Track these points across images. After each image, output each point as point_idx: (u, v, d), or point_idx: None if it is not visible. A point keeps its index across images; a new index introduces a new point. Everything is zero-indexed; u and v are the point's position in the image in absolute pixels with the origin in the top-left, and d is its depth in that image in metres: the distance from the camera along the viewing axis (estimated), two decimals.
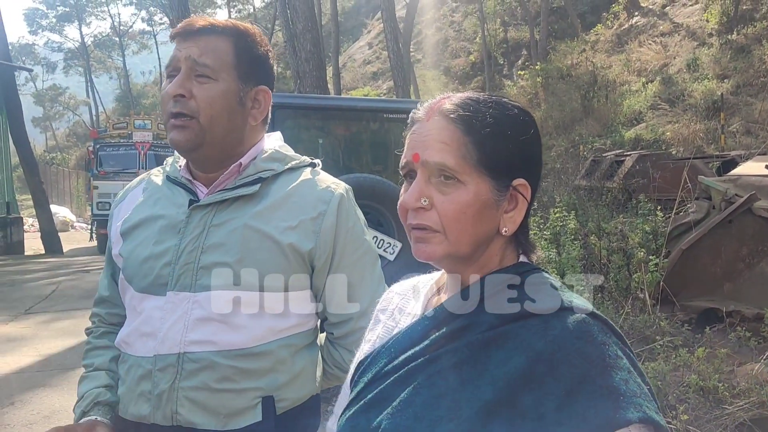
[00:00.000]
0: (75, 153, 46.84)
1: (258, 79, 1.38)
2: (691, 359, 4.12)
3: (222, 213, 1.35)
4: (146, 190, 1.47)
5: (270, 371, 1.32)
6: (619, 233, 5.82)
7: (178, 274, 1.31)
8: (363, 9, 44.18)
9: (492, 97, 0.92)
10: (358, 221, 1.44)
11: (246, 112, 1.37)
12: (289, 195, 1.37)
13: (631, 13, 20.95)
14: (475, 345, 0.84)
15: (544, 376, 0.77)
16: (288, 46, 12.46)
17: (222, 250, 1.31)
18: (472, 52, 28.67)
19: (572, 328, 0.81)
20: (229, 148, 1.37)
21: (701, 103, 13.75)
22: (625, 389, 0.76)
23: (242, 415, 1.30)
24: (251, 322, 1.31)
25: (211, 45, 1.32)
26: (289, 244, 1.32)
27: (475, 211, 0.87)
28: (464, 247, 0.89)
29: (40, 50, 55.90)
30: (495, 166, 0.88)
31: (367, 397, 0.91)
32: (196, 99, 1.31)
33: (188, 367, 1.28)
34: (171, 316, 1.30)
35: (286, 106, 4.65)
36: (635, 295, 5.23)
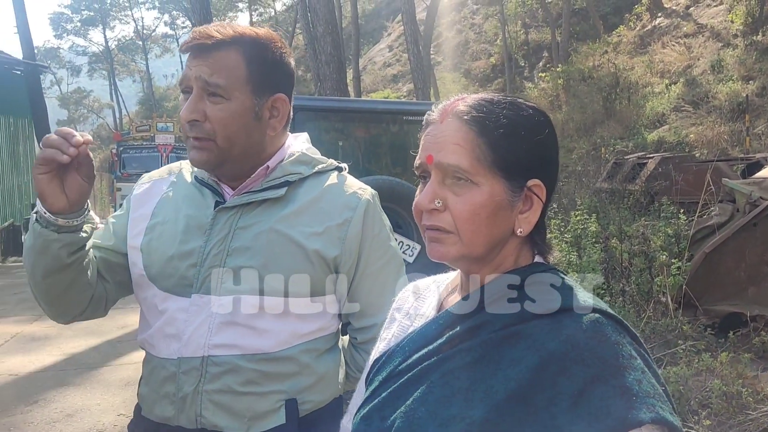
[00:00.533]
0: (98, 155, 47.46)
1: (274, 88, 1.34)
2: (714, 364, 4.06)
3: (248, 216, 1.34)
4: (174, 185, 1.45)
5: (293, 374, 1.33)
6: (641, 236, 5.75)
7: (204, 277, 1.31)
8: (383, 12, 44.26)
9: (507, 97, 0.92)
10: (384, 228, 1.43)
11: (264, 124, 1.34)
12: (315, 200, 1.36)
13: (655, 14, 20.73)
14: (489, 344, 0.84)
15: (557, 376, 0.77)
16: (308, 49, 12.54)
17: (248, 254, 1.30)
18: (492, 55, 28.58)
19: (586, 328, 0.81)
20: (250, 160, 1.35)
21: (726, 104, 13.56)
22: (638, 389, 0.76)
23: (266, 418, 1.31)
24: (275, 326, 1.31)
25: (222, 61, 1.27)
26: (315, 251, 1.32)
27: (489, 212, 0.87)
28: (478, 248, 0.89)
29: (65, 54, 56.83)
30: (509, 167, 0.88)
31: (381, 395, 0.91)
32: (210, 121, 1.28)
33: (212, 370, 1.29)
34: (195, 318, 1.30)
35: (306, 109, 4.68)
36: (657, 299, 5.17)
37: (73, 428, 4.14)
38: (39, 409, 4.46)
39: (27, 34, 15.60)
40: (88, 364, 5.47)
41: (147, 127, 16.48)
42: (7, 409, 4.43)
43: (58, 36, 54.08)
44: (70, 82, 58.37)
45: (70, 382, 5.00)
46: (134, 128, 16.89)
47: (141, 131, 16.34)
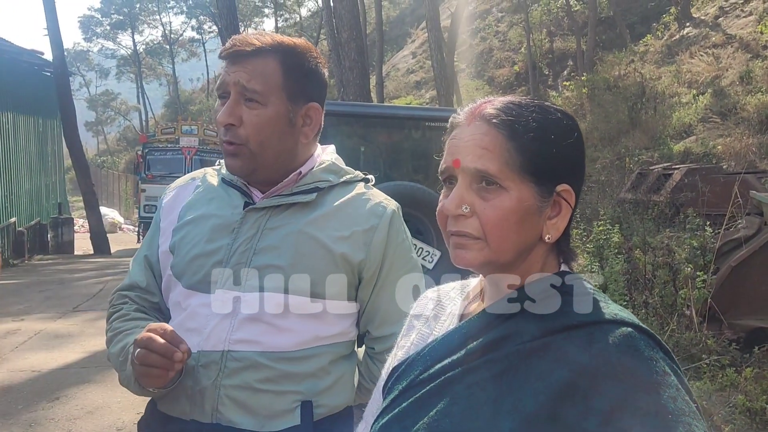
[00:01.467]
0: (124, 157, 48.18)
1: (308, 96, 1.38)
2: (738, 379, 4.00)
3: (276, 217, 1.37)
4: (199, 188, 1.49)
5: (310, 376, 1.34)
6: (665, 248, 5.68)
7: (229, 273, 1.33)
8: (407, 18, 44.35)
9: (534, 100, 0.91)
10: (406, 239, 1.46)
11: (297, 131, 1.38)
12: (342, 206, 1.40)
13: (683, 23, 20.49)
14: (516, 356, 0.82)
15: (588, 391, 0.74)
16: (333, 54, 12.58)
17: (275, 253, 1.33)
18: (516, 63, 28.46)
19: (618, 342, 0.78)
20: (282, 167, 1.39)
21: (754, 116, 13.33)
22: (673, 407, 0.73)
23: (281, 418, 1.31)
24: (298, 326, 1.32)
25: (260, 68, 1.32)
26: (341, 254, 1.34)
27: (518, 217, 0.85)
28: (506, 254, 0.87)
29: (94, 56, 57.70)
30: (539, 171, 0.86)
31: (401, 405, 0.89)
32: (245, 126, 1.32)
33: (231, 365, 1.30)
34: (218, 313, 1.32)
35: (328, 114, 4.69)
36: (681, 312, 5.10)
37: (94, 425, 4.19)
38: (60, 405, 4.51)
39: (57, 36, 15.86)
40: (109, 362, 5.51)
41: (172, 129, 16.71)
42: (29, 405, 4.50)
43: (88, 39, 54.97)
44: (98, 84, 59.30)
45: (92, 380, 5.06)
46: (159, 130, 17.14)
47: (166, 133, 16.57)
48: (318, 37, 34.97)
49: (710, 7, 20.66)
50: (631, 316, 0.84)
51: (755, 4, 18.76)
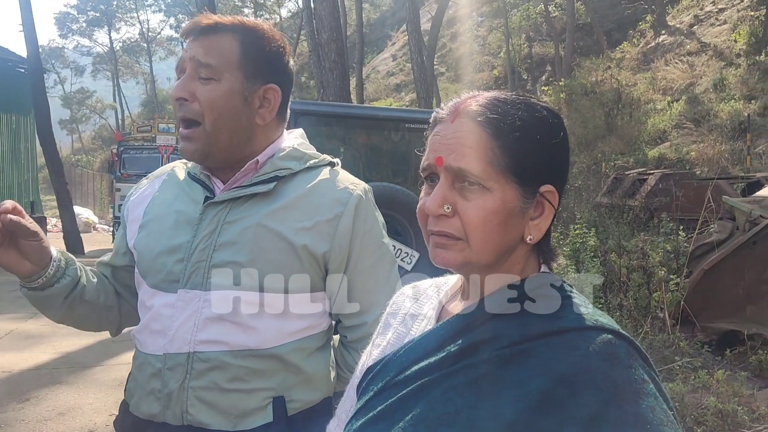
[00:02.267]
0: (100, 156, 47.53)
1: (267, 77, 1.34)
2: (710, 381, 4.05)
3: (236, 210, 1.33)
4: (166, 184, 1.46)
5: (281, 372, 1.31)
6: (640, 251, 5.75)
7: (190, 272, 1.29)
8: (388, 21, 44.42)
9: (520, 97, 0.88)
10: (376, 223, 1.40)
11: (252, 111, 1.34)
12: (305, 195, 1.34)
13: (658, 31, 20.81)
14: (495, 361, 0.80)
15: (567, 400, 0.73)
16: (312, 55, 12.55)
17: (234, 248, 1.29)
18: (496, 67, 28.67)
19: (598, 350, 0.77)
20: (237, 150, 1.34)
21: (727, 123, 13.58)
22: (652, 417, 0.72)
23: (253, 416, 1.29)
24: (264, 322, 1.29)
25: (217, 44, 1.30)
26: (303, 246, 1.30)
27: (500, 219, 0.83)
28: (487, 255, 0.85)
29: (69, 54, 56.89)
30: (523, 172, 0.84)
31: (376, 408, 0.87)
32: (199, 101, 1.29)
33: (198, 366, 1.27)
34: (181, 314, 1.29)
35: (307, 113, 4.68)
36: (655, 315, 5.17)
37: (65, 427, 4.12)
38: (31, 406, 4.43)
39: (32, 32, 15.59)
40: (82, 363, 5.44)
41: (148, 127, 16.21)
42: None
43: (63, 36, 54.18)
44: (73, 82, 58.45)
45: (63, 381, 4.97)
46: (135, 128, 16.59)
47: (142, 132, 16.06)
48: (298, 38, 34.84)
49: (685, 16, 21.01)
50: (611, 321, 0.82)
51: (729, 13, 19.12)
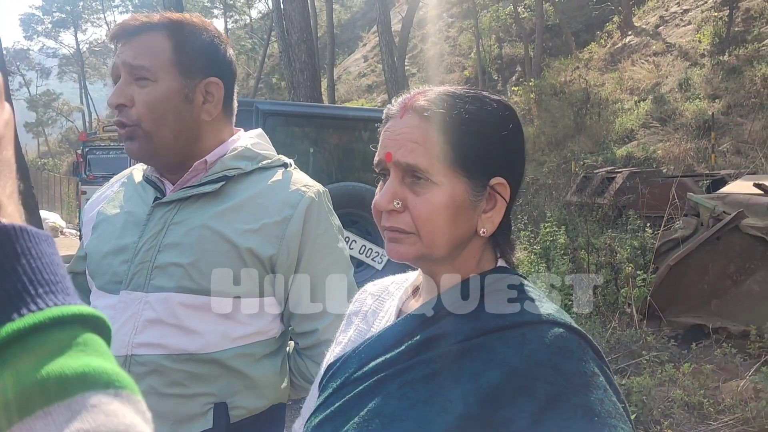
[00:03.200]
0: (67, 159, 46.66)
1: (206, 71, 1.30)
2: (676, 375, 4.13)
3: (184, 211, 1.29)
4: (124, 185, 1.43)
5: (224, 377, 1.27)
6: (608, 248, 5.83)
7: (133, 273, 1.26)
8: (359, 22, 44.42)
9: (470, 91, 0.88)
10: (330, 227, 1.37)
11: (196, 108, 1.30)
12: (255, 196, 1.31)
13: (625, 32, 21.13)
14: (449, 356, 0.81)
15: (519, 393, 0.74)
16: (283, 56, 12.49)
17: (178, 250, 1.26)
18: (466, 68, 28.83)
19: (549, 343, 0.78)
20: (185, 149, 1.30)
21: (692, 122, 13.84)
22: (599, 409, 0.73)
23: (192, 422, 1.24)
24: (205, 326, 1.25)
25: (147, 44, 1.26)
26: (248, 249, 1.26)
27: (450, 213, 0.84)
28: (439, 249, 0.86)
29: (35, 55, 55.82)
30: (471, 165, 0.84)
31: (334, 405, 0.87)
32: (137, 105, 1.25)
33: (135, 370, 1.23)
34: (122, 316, 1.25)
35: (275, 114, 4.65)
36: (622, 310, 5.24)
37: None
38: None
39: None
40: None
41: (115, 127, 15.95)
42: None
43: (28, 37, 53.20)
44: (39, 84, 57.34)
45: None
46: (101, 128, 15.86)
47: (108, 131, 15.26)
48: (269, 39, 34.65)
49: (651, 17, 21.37)
50: (564, 315, 0.83)
51: (694, 13, 19.50)
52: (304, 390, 1.41)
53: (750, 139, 12.41)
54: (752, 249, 5.02)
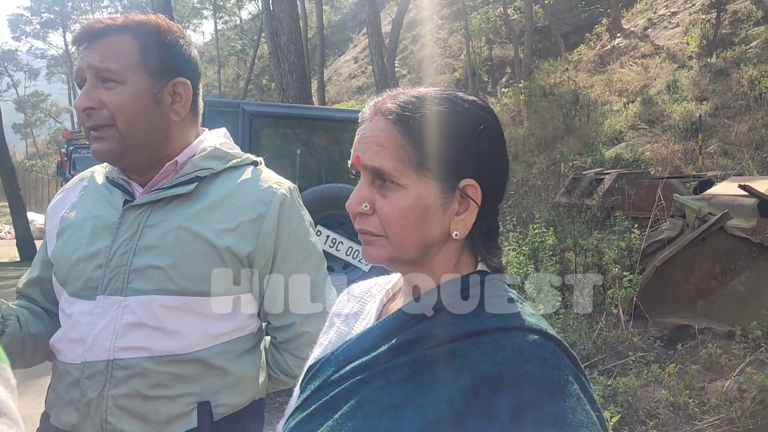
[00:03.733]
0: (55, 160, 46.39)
1: (173, 72, 1.31)
2: (662, 375, 4.14)
3: (157, 213, 1.29)
4: (86, 189, 1.42)
5: (206, 376, 1.28)
6: (595, 249, 5.85)
7: (109, 278, 1.26)
8: (349, 23, 44.43)
9: (443, 92, 0.88)
10: (302, 222, 1.38)
11: (165, 108, 1.30)
12: (228, 195, 1.32)
13: (614, 34, 21.25)
14: (423, 361, 0.80)
15: (490, 400, 0.73)
16: (272, 57, 12.47)
17: (155, 252, 1.26)
18: (456, 69, 28.89)
19: (523, 350, 0.76)
20: (155, 150, 1.31)
21: (680, 124, 13.93)
22: (571, 418, 0.72)
23: (176, 422, 1.25)
24: (186, 327, 1.26)
25: (113, 47, 1.25)
26: (226, 248, 1.27)
27: (417, 215, 0.83)
28: (409, 251, 0.85)
29: (23, 56, 55.47)
30: (437, 168, 0.84)
31: (311, 407, 0.87)
32: (107, 107, 1.25)
33: (118, 374, 1.23)
34: (100, 321, 1.25)
35: (263, 115, 4.63)
36: (609, 311, 5.26)
37: None
38: None
39: None
40: (32, 373, 5.26)
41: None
42: None
43: (16, 38, 52.86)
44: (27, 85, 57.00)
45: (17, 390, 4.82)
46: None
47: None
48: (258, 41, 34.59)
49: (640, 19, 21.51)
50: (540, 321, 0.82)
51: (682, 16, 19.64)
52: (283, 383, 1.44)
53: (737, 140, 12.51)
54: (737, 250, 5.05)
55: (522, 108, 20.49)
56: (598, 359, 4.55)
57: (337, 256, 4.27)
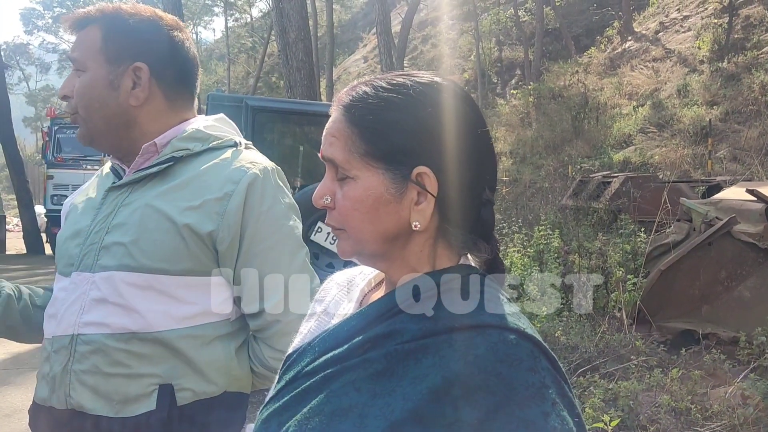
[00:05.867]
0: None
1: (133, 56, 1.33)
2: (664, 380, 4.09)
3: (135, 193, 1.32)
4: (97, 177, 1.48)
5: (169, 359, 1.26)
6: (599, 252, 5.81)
7: (83, 254, 1.30)
8: (360, 23, 44.45)
9: (398, 76, 0.85)
10: (277, 204, 1.33)
11: (122, 93, 1.32)
12: (199, 175, 1.31)
13: (625, 37, 21.14)
14: (394, 356, 0.76)
15: (459, 400, 0.69)
16: (281, 55, 12.45)
17: (122, 230, 1.28)
18: (466, 70, 28.84)
19: (498, 350, 0.72)
20: (119, 135, 1.35)
21: (690, 128, 13.83)
22: (542, 424, 0.68)
23: (136, 402, 1.24)
24: (147, 306, 1.25)
25: (82, 37, 1.34)
26: (186, 225, 1.25)
27: (368, 207, 0.81)
28: (369, 244, 0.83)
29: (34, 50, 55.83)
30: (383, 157, 0.81)
31: (284, 398, 0.84)
32: (74, 95, 1.34)
33: (81, 349, 1.25)
34: (71, 296, 1.28)
35: (266, 110, 4.62)
36: (612, 314, 5.21)
37: (10, 429, 3.99)
38: None
39: None
40: (33, 365, 5.29)
41: None
42: None
43: (29, 32, 53.21)
44: (38, 79, 57.37)
45: (12, 382, 4.84)
46: None
47: None
48: (268, 38, 34.64)
49: (651, 22, 21.39)
50: (520, 320, 0.78)
51: (694, 20, 19.52)
52: (266, 378, 1.38)
53: (747, 146, 12.41)
54: (744, 255, 4.99)
55: (531, 110, 20.42)
56: (600, 362, 4.50)
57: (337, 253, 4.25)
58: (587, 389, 4.06)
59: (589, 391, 3.99)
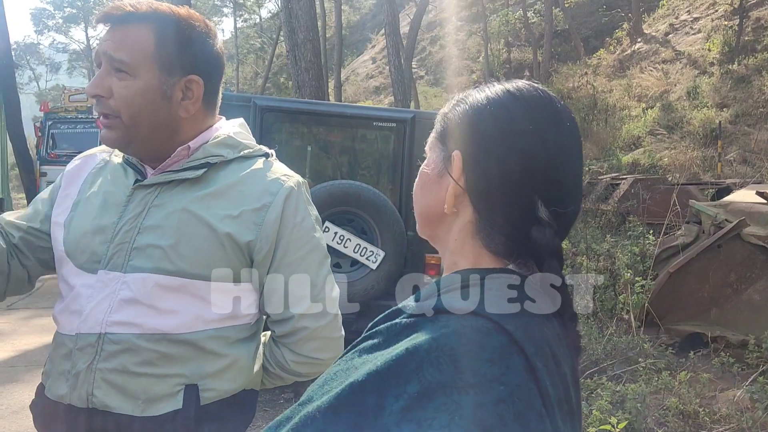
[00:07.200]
0: None
1: (187, 68, 1.30)
2: (672, 383, 4.07)
3: (165, 194, 1.31)
4: (105, 162, 1.44)
5: (195, 359, 1.28)
6: (607, 254, 5.78)
7: (112, 253, 1.28)
8: (368, 24, 44.45)
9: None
10: (308, 217, 1.38)
11: (174, 105, 1.30)
12: (235, 183, 1.32)
13: (634, 39, 21.04)
14: (392, 329, 0.77)
15: (411, 374, 0.68)
16: (290, 55, 12.46)
17: (158, 232, 1.27)
18: (474, 71, 28.78)
19: (464, 333, 0.70)
20: (161, 143, 1.31)
21: (699, 130, 13.76)
22: (471, 413, 0.64)
23: (162, 402, 1.26)
24: (179, 307, 1.27)
25: (129, 37, 1.25)
26: (227, 234, 1.28)
27: (423, 181, 0.90)
28: (422, 216, 0.91)
29: (45, 50, 56.16)
30: (437, 134, 0.91)
31: None
32: (115, 98, 1.25)
33: (108, 348, 1.25)
34: (98, 294, 1.27)
35: (274, 110, 4.61)
36: (620, 317, 5.18)
37: (17, 426, 4.01)
38: None
39: (3, 25, 15.30)
40: (39, 362, 5.30)
41: (84, 95, 12.64)
42: None
43: (39, 32, 53.51)
44: (48, 78, 57.66)
45: (20, 379, 4.86)
46: (67, 97, 13.55)
47: (76, 100, 13.09)
48: (277, 39, 34.70)
49: (661, 24, 21.28)
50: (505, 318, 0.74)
51: (704, 22, 19.40)
52: (280, 379, 1.44)
53: (757, 148, 12.32)
54: (753, 258, 4.95)
55: None
56: (608, 365, 4.48)
57: (345, 253, 4.25)
58: (594, 391, 4.04)
59: (596, 394, 3.97)
